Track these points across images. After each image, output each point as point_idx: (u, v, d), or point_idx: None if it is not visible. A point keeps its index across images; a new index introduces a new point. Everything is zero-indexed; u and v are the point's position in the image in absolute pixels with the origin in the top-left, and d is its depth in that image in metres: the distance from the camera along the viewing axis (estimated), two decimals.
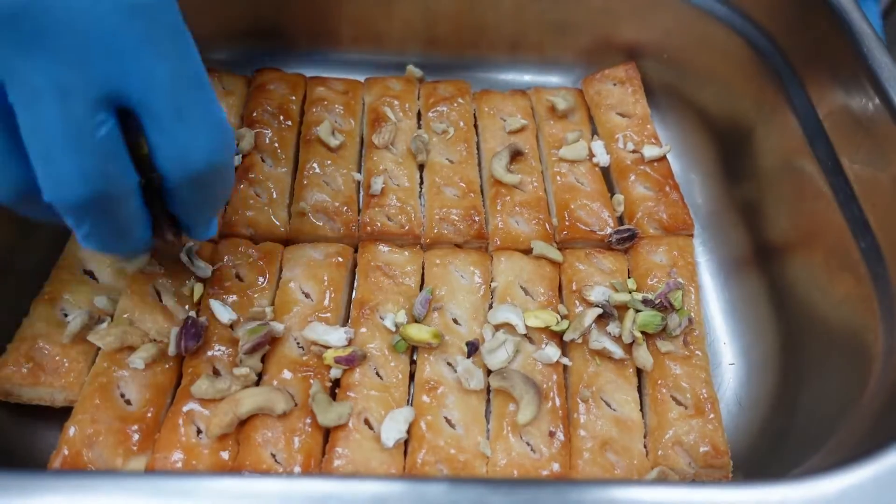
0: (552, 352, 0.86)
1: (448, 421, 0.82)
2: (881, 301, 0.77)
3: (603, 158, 1.08)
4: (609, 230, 1.00)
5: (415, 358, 0.88)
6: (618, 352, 0.87)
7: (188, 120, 0.62)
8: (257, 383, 0.84)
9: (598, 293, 0.92)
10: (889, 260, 0.78)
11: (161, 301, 0.88)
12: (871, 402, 0.70)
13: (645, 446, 0.83)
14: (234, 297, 0.90)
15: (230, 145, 0.67)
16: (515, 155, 1.08)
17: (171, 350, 0.83)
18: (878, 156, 0.81)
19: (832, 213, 0.87)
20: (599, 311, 0.89)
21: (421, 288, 0.95)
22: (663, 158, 1.08)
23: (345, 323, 0.92)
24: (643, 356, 0.87)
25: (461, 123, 1.12)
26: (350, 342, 0.86)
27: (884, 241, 0.79)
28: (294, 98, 1.14)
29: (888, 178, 0.79)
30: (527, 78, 1.27)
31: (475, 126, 1.15)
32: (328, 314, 0.89)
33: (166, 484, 0.49)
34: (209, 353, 0.85)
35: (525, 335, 0.88)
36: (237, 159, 1.04)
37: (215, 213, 0.79)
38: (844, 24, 0.88)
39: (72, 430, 0.77)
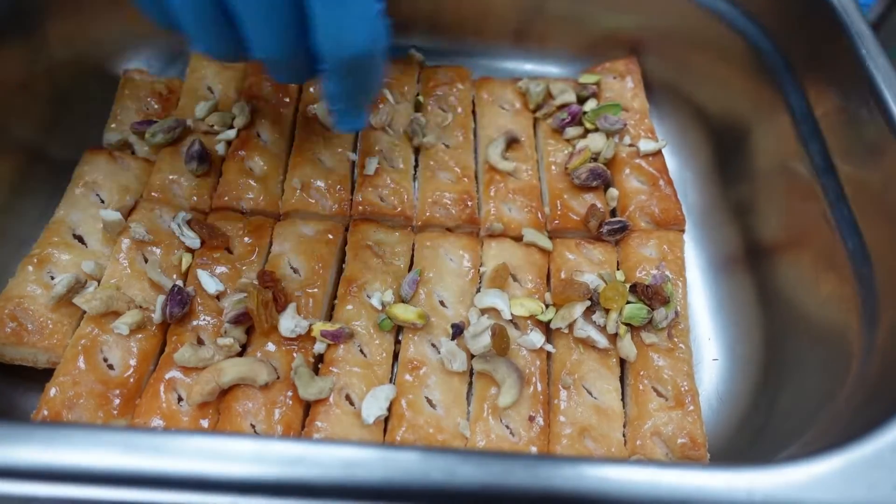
0: (536, 338, 0.87)
1: (429, 401, 0.82)
2: (864, 301, 0.77)
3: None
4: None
5: (400, 337, 0.89)
6: (602, 341, 0.87)
7: (348, 5, 0.69)
8: (241, 355, 0.84)
9: (586, 282, 0.92)
10: (875, 261, 0.78)
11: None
12: (848, 399, 0.71)
13: (624, 435, 0.83)
14: (223, 269, 0.90)
15: (382, 38, 0.74)
16: (512, 142, 1.08)
17: (156, 317, 0.84)
18: (869, 157, 0.82)
19: (822, 214, 0.87)
20: (589, 303, 0.89)
21: (410, 269, 0.95)
22: (659, 153, 1.08)
23: (332, 299, 0.93)
24: (627, 347, 0.87)
25: (459, 109, 1.12)
26: None
27: (871, 242, 0.80)
28: None
29: (878, 180, 0.80)
30: (528, 67, 1.27)
31: (473, 112, 1.15)
32: (316, 290, 0.90)
33: (140, 440, 0.49)
34: (194, 323, 0.85)
35: (510, 320, 0.89)
36: (233, 133, 1.04)
37: (364, 104, 0.85)
38: (844, 25, 0.88)
39: (53, 391, 0.77)
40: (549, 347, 0.88)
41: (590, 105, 1.12)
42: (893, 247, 0.76)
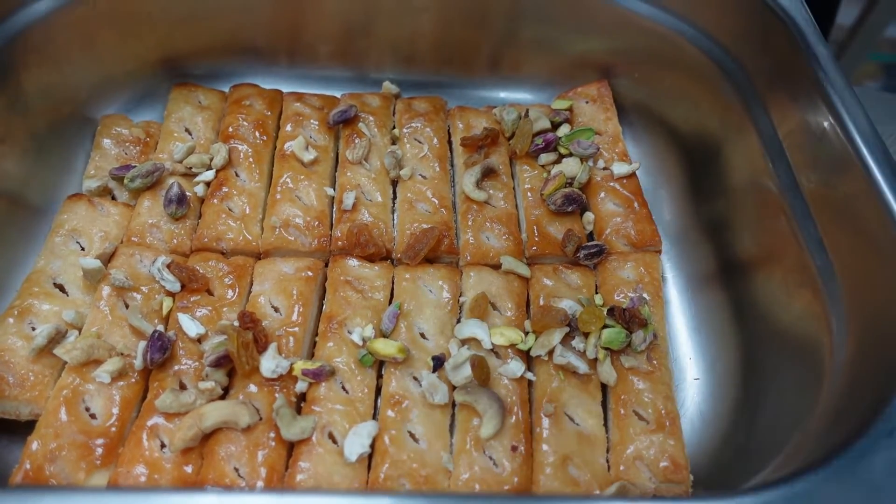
0: (516, 367, 0.87)
1: (412, 435, 0.83)
2: (834, 318, 0.78)
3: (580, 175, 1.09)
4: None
5: (382, 372, 0.89)
6: (582, 367, 0.88)
7: None
8: (223, 397, 0.85)
9: (564, 308, 0.93)
10: (841, 278, 0.80)
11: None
12: (821, 417, 0.71)
13: (607, 461, 0.83)
14: (204, 311, 0.91)
15: None
16: (488, 172, 1.09)
17: (138, 363, 0.84)
18: (831, 175, 0.83)
19: (791, 231, 0.89)
20: (567, 329, 0.90)
21: (390, 302, 0.95)
22: (633, 175, 1.09)
23: (314, 337, 0.93)
24: (607, 371, 0.88)
25: (435, 140, 1.14)
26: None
27: (836, 259, 0.81)
28: (270, 113, 1.15)
29: (840, 197, 0.81)
30: (502, 95, 1.29)
31: (449, 142, 1.16)
32: (297, 328, 0.90)
33: (106, 501, 0.50)
34: (176, 367, 0.85)
35: (491, 350, 0.89)
36: (211, 174, 1.05)
37: None
38: (801, 47, 0.90)
39: (34, 445, 0.77)
40: (529, 376, 0.89)
41: (563, 130, 1.14)
42: (857, 264, 0.77)
